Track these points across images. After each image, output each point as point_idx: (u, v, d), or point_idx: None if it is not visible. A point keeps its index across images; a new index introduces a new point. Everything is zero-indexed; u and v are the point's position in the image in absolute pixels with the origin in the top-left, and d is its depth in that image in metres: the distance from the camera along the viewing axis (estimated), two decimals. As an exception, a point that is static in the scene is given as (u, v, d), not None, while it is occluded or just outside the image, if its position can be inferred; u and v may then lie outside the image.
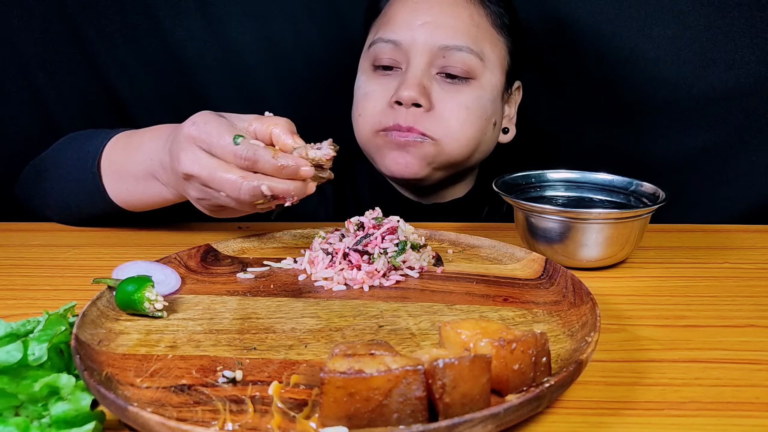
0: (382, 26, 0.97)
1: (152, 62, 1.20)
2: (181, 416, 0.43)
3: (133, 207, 0.84)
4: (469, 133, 0.94)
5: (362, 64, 1.00)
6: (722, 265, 0.77)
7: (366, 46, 1.00)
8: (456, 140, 0.93)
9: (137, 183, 0.80)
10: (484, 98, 0.95)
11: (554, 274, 0.66)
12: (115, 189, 0.83)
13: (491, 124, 0.98)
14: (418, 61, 0.92)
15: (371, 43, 0.97)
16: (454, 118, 0.92)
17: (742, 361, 0.54)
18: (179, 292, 0.65)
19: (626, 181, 0.81)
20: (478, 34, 0.94)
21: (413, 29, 0.92)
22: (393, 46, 0.94)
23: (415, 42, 0.92)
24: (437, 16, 0.93)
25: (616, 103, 1.17)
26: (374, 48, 0.96)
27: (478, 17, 0.95)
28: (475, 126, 0.94)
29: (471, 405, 0.41)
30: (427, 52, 0.92)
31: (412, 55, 0.92)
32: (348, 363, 0.41)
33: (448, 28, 0.92)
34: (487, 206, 1.09)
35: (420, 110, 0.91)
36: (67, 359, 0.50)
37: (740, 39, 1.09)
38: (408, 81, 0.91)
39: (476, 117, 0.94)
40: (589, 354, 0.48)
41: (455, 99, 0.92)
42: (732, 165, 1.15)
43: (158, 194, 0.79)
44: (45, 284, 0.71)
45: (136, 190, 0.81)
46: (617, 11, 1.11)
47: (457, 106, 0.92)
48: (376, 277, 0.67)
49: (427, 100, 0.91)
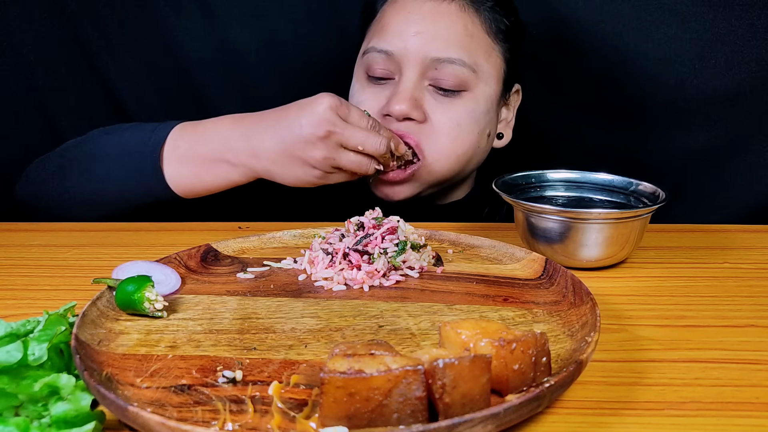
0: (376, 33, 0.96)
1: (152, 62, 1.20)
2: (181, 416, 0.43)
3: (188, 191, 0.89)
4: (459, 151, 0.94)
5: (357, 70, 1.00)
6: (722, 265, 0.77)
7: (360, 53, 0.99)
8: (446, 158, 0.93)
9: (204, 166, 0.86)
10: (477, 111, 0.94)
11: (554, 274, 0.66)
12: (177, 173, 0.87)
13: (485, 136, 0.97)
14: (411, 73, 0.91)
15: (365, 51, 0.96)
16: (445, 134, 0.92)
17: (742, 361, 0.54)
18: (179, 292, 0.65)
19: (626, 181, 0.81)
20: (472, 44, 0.93)
21: (406, 39, 0.91)
22: (385, 56, 0.93)
23: (408, 52, 0.91)
24: (430, 26, 0.91)
25: (616, 103, 1.17)
26: (367, 57, 0.95)
27: (473, 27, 0.93)
28: (467, 142, 0.94)
29: (471, 405, 0.41)
30: (419, 63, 0.91)
31: (404, 66, 0.92)
32: (348, 363, 0.41)
33: (441, 40, 0.91)
34: (487, 207, 1.09)
35: (413, 122, 0.91)
36: (67, 359, 0.50)
37: (740, 39, 1.09)
38: (399, 94, 0.90)
39: (468, 133, 0.93)
40: (589, 354, 0.48)
41: (447, 114, 0.92)
42: (732, 165, 1.15)
43: (224, 177, 0.87)
44: (45, 284, 0.71)
45: (202, 172, 0.87)
46: (617, 11, 1.11)
47: (449, 122, 0.92)
48: (376, 277, 0.67)
49: (419, 113, 0.91)
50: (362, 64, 0.97)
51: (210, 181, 0.88)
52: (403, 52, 0.91)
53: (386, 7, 0.97)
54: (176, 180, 0.88)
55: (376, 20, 0.98)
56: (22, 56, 1.17)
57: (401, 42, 0.92)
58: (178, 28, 1.18)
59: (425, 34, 0.91)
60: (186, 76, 1.21)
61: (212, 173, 0.87)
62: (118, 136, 0.91)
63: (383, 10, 0.97)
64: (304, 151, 0.82)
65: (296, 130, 0.81)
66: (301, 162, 0.83)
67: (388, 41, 0.93)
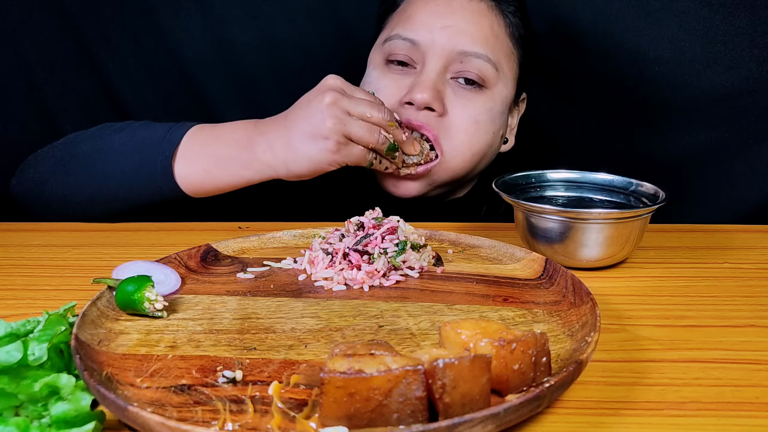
0: (400, 23, 0.95)
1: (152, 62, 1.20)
2: (181, 416, 0.43)
3: (198, 190, 0.88)
4: (475, 148, 0.94)
5: (374, 58, 0.99)
6: (722, 265, 0.77)
7: (380, 41, 0.98)
8: (461, 154, 0.93)
9: (218, 163, 0.86)
10: (495, 111, 0.95)
11: (554, 274, 0.66)
12: (188, 171, 0.87)
13: (498, 136, 0.98)
14: (435, 64, 0.91)
15: (387, 38, 0.95)
16: (463, 131, 0.92)
17: (742, 361, 0.54)
18: (179, 292, 0.65)
19: (626, 181, 0.81)
20: (497, 44, 0.94)
21: (433, 31, 0.92)
22: (410, 45, 0.93)
23: (434, 44, 0.91)
24: (459, 21, 0.92)
25: (617, 103, 1.17)
26: (390, 44, 0.94)
27: (498, 28, 0.94)
28: (483, 141, 0.94)
29: (471, 405, 0.41)
30: (445, 55, 0.91)
31: (429, 56, 0.92)
32: (348, 363, 0.41)
33: (469, 35, 0.92)
34: (485, 206, 1.09)
35: (433, 114, 0.91)
36: (67, 359, 0.50)
37: (740, 39, 1.09)
38: (422, 83, 0.90)
39: (485, 131, 0.94)
40: (589, 354, 0.48)
41: (467, 109, 0.92)
42: (732, 165, 1.15)
43: (237, 173, 0.86)
44: (45, 284, 0.71)
45: (214, 169, 0.87)
46: (618, 11, 1.11)
47: (468, 118, 0.92)
48: (376, 277, 0.67)
49: (440, 105, 0.90)
50: (382, 51, 0.96)
51: (221, 179, 0.87)
52: (430, 43, 0.92)
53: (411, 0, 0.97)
54: (186, 177, 0.87)
55: (398, 11, 0.98)
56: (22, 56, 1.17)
57: (428, 33, 0.92)
58: (178, 28, 1.18)
59: (453, 28, 0.92)
60: (186, 76, 1.21)
61: (225, 170, 0.87)
62: (129, 134, 0.91)
63: (408, 2, 0.97)
64: (314, 125, 0.81)
65: (304, 107, 0.83)
66: (312, 136, 0.82)
67: (415, 31, 0.93)
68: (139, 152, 0.88)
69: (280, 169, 0.85)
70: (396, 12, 0.99)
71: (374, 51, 1.00)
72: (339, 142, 0.81)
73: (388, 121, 0.84)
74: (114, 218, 0.92)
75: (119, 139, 0.90)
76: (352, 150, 0.83)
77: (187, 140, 0.87)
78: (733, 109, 1.12)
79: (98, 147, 0.91)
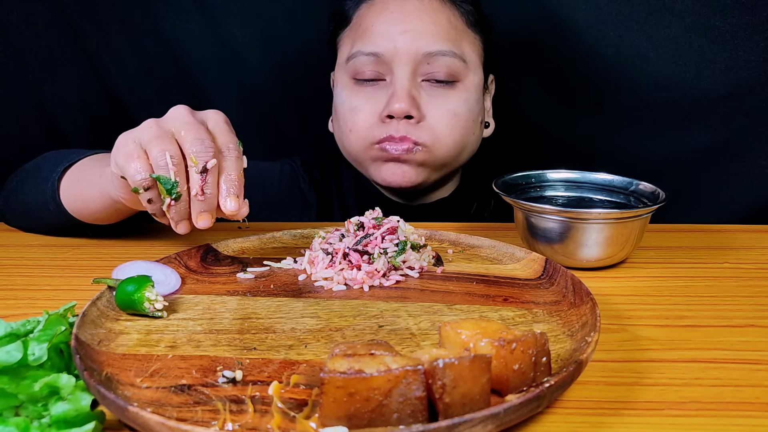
0: (358, 38, 0.95)
1: (152, 62, 1.20)
2: (181, 416, 0.43)
3: (78, 212, 0.81)
4: (457, 138, 0.94)
5: (340, 78, 0.98)
6: (722, 265, 0.77)
7: (341, 60, 0.98)
8: (445, 145, 0.94)
9: (86, 180, 0.78)
10: (471, 100, 0.95)
11: (554, 274, 0.66)
12: (66, 192, 0.81)
13: (478, 123, 0.99)
14: (403, 71, 0.91)
15: (349, 56, 0.95)
16: (444, 125, 0.93)
17: (742, 361, 0.54)
18: (179, 292, 0.65)
19: (626, 181, 0.81)
20: (457, 36, 0.94)
21: (394, 39, 0.91)
22: (375, 58, 0.92)
23: (398, 51, 0.91)
24: (416, 23, 0.92)
25: (616, 103, 1.17)
26: (354, 62, 0.94)
27: (455, 19, 0.95)
28: (464, 130, 0.95)
29: (471, 405, 0.41)
30: (411, 60, 0.91)
31: (396, 65, 0.91)
32: (348, 363, 0.41)
33: (429, 35, 0.91)
34: (475, 203, 1.09)
35: (411, 121, 0.91)
36: (67, 359, 0.50)
37: (740, 39, 1.09)
38: (398, 93, 0.90)
39: (464, 121, 0.95)
40: (589, 354, 0.48)
41: (443, 106, 0.93)
42: (732, 165, 1.15)
43: (95, 184, 0.75)
44: (45, 284, 0.71)
45: (84, 187, 0.78)
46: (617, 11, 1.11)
47: (446, 113, 0.93)
48: (376, 277, 0.67)
49: (417, 111, 0.91)
50: (346, 71, 0.96)
51: (88, 195, 0.78)
52: (393, 51, 0.91)
53: (362, 12, 0.96)
54: (66, 200, 0.81)
55: (352, 26, 0.97)
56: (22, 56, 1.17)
57: (389, 42, 0.91)
58: (178, 28, 1.18)
59: (413, 31, 0.91)
60: (186, 76, 1.21)
61: (90, 185, 0.78)
62: (44, 161, 0.87)
63: (359, 15, 0.96)
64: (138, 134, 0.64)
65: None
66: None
67: (375, 43, 0.92)
68: (44, 180, 0.84)
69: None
70: (349, 27, 0.98)
71: (338, 71, 0.99)
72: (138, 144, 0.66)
73: (193, 157, 0.60)
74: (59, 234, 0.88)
75: (42, 164, 0.87)
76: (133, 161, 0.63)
77: (75, 166, 0.82)
78: (733, 109, 1.12)
79: (26, 171, 0.89)
